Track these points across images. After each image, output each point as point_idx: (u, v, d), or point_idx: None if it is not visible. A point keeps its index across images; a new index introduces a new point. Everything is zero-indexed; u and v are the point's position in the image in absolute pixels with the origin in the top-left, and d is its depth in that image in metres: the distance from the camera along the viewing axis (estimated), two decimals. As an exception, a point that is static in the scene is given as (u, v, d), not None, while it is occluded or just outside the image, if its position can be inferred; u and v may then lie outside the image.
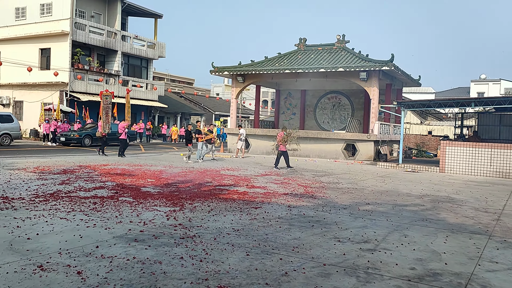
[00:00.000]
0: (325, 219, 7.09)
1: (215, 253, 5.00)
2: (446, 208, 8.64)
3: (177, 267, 4.48)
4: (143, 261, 4.64)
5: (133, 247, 5.13)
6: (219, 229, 6.19)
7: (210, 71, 24.91)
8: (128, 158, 17.97)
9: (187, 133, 18.36)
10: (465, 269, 4.77)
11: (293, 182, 11.84)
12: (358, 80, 21.01)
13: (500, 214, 8.22)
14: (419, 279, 4.37)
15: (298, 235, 6.01)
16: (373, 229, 6.50)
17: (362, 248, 5.46)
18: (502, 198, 10.40)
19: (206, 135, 18.46)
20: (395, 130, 23.74)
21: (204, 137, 18.27)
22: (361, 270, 4.60)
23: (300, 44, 24.85)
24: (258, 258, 4.89)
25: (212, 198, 8.69)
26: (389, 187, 11.56)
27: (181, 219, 6.72)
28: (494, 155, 15.80)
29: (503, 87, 55.44)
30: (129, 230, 5.97)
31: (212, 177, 12.42)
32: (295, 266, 4.66)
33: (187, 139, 18.16)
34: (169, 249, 5.09)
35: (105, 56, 34.79)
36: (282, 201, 8.68)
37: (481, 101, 17.87)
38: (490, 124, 25.80)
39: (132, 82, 35.30)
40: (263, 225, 6.51)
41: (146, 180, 11.24)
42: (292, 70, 22.04)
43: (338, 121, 26.46)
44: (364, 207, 8.33)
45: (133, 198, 8.38)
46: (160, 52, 38.16)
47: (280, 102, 28.45)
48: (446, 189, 11.68)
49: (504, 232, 6.69)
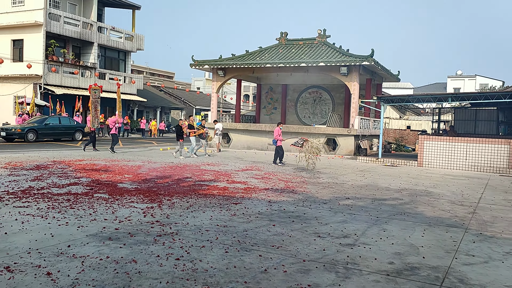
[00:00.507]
0: (305, 214, 7.05)
1: (193, 251, 4.89)
2: (424, 201, 8.72)
3: (153, 266, 4.36)
4: (117, 260, 4.49)
5: (107, 246, 4.97)
6: (198, 226, 6.07)
7: (190, 64, 24.61)
8: (105, 153, 17.62)
9: (178, 128, 18.05)
10: (443, 262, 4.79)
11: (273, 177, 11.78)
12: (339, 75, 21.07)
13: (475, 207, 8.34)
14: (398, 274, 4.36)
15: (278, 230, 5.94)
16: (353, 224, 6.49)
17: (341, 243, 5.43)
18: (477, 191, 10.57)
19: (198, 130, 18.27)
20: (375, 125, 23.96)
21: (197, 132, 18.12)
22: (341, 265, 4.56)
23: (281, 38, 24.77)
24: (237, 255, 4.80)
25: (191, 194, 8.56)
26: (368, 182, 11.62)
27: (159, 216, 6.58)
28: (469, 149, 16.08)
29: (478, 83, 56.62)
30: (103, 228, 5.79)
31: (192, 172, 12.27)
32: (274, 262, 4.59)
33: (178, 134, 17.87)
34: (145, 248, 4.95)
35: (81, 48, 34.03)
36: (262, 197, 8.61)
37: (457, 96, 18.15)
38: (466, 119, 26.30)
39: (109, 75, 34.66)
40: (243, 221, 6.42)
41: (123, 175, 11.01)
42: (273, 65, 21.96)
43: (319, 115, 26.54)
44: (344, 202, 8.33)
45: (108, 195, 8.18)
46: (139, 45, 37.55)
47: (261, 96, 28.36)
48: (424, 183, 11.81)
49: (479, 225, 6.77)
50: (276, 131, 15.98)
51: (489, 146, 15.81)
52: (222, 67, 23.80)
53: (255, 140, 23.35)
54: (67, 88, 31.13)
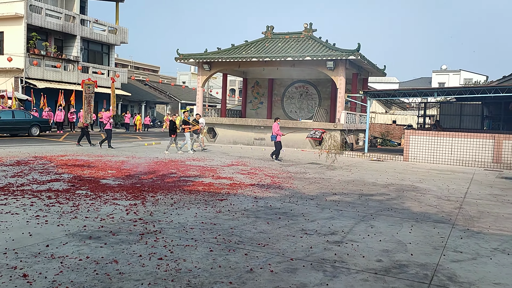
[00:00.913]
0: (292, 211, 6.95)
1: (177, 250, 4.75)
2: (411, 197, 8.70)
3: (134, 266, 4.20)
4: (97, 260, 4.33)
5: (87, 246, 4.80)
6: (182, 223, 5.92)
7: (175, 58, 24.27)
8: (88, 149, 17.29)
9: (171, 123, 17.77)
10: (431, 259, 4.73)
11: (260, 173, 11.67)
12: (325, 69, 21.00)
13: (462, 202, 8.35)
14: (386, 272, 4.28)
15: (265, 228, 5.83)
16: (340, 220, 6.41)
17: (329, 240, 5.34)
18: (463, 186, 10.61)
19: (193, 126, 17.97)
20: (361, 119, 23.98)
21: (192, 128, 17.84)
22: (328, 264, 4.47)
23: (267, 32, 24.57)
24: (222, 254, 4.67)
25: (176, 190, 8.39)
26: (355, 177, 11.58)
27: (142, 214, 6.41)
28: (455, 143, 16.19)
29: (463, 78, 57.27)
30: (84, 226, 5.61)
31: (177, 168, 12.08)
32: (260, 261, 4.47)
33: (171, 129, 17.60)
34: (127, 247, 4.79)
35: (63, 41, 33.33)
36: (248, 193, 8.49)
37: (443, 91, 18.24)
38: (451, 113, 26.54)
39: (92, 68, 34.06)
40: (228, 218, 6.29)
41: (106, 171, 10.77)
42: (259, 59, 21.77)
43: (305, 110, 26.48)
44: (331, 198, 8.26)
45: (91, 191, 7.97)
46: (122, 38, 36.95)
47: (247, 91, 28.16)
48: (410, 177, 11.83)
49: (466, 220, 6.76)
50: (275, 126, 15.71)
51: (474, 141, 15.94)
52: (207, 61, 23.53)
53: (241, 134, 23.19)
54: (50, 82, 30.48)
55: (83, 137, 18.56)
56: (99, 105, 35.62)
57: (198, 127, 18.24)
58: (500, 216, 7.13)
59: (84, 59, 34.35)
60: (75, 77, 32.47)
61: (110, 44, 36.65)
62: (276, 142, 15.55)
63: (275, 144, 15.57)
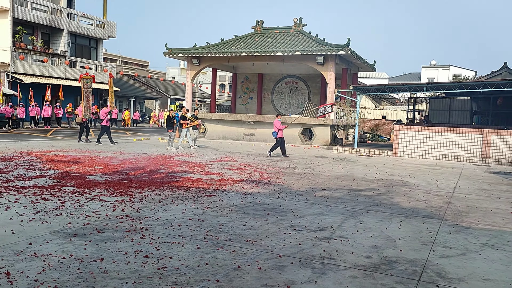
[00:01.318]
0: (281, 207, 6.89)
1: (164, 247, 4.66)
2: (400, 192, 8.70)
3: (119, 264, 4.11)
4: (81, 259, 4.22)
5: (71, 243, 4.68)
6: (170, 220, 5.83)
7: (164, 53, 24.04)
8: (76, 144, 17.05)
9: (168, 118, 17.49)
10: (420, 255, 4.71)
11: (249, 168, 11.59)
12: (315, 64, 20.95)
13: (450, 197, 8.36)
14: (375, 268, 4.24)
15: (253, 224, 5.76)
16: (329, 216, 6.37)
17: (318, 236, 5.29)
18: (452, 181, 10.65)
19: (191, 121, 17.61)
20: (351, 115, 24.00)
21: (189, 123, 17.49)
22: (317, 260, 4.41)
23: (257, 26, 24.43)
24: (209, 251, 4.59)
25: (163, 186, 8.28)
26: (344, 172, 11.57)
27: (129, 210, 6.30)
28: (444, 139, 16.27)
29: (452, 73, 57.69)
30: (68, 223, 5.48)
31: (165, 163, 11.95)
32: (248, 259, 4.40)
33: (168, 124, 17.33)
34: (112, 244, 4.68)
35: (50, 35, 32.82)
36: (237, 188, 8.41)
37: (432, 86, 18.30)
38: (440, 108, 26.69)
39: (80, 63, 33.60)
40: (216, 215, 6.21)
41: (94, 167, 10.61)
42: (249, 53, 21.64)
43: (295, 105, 26.43)
44: (320, 193, 8.22)
45: (77, 188, 7.82)
46: (110, 32, 36.50)
47: (237, 86, 28.02)
48: (399, 172, 11.85)
49: (455, 215, 6.76)
50: (276, 123, 15.46)
51: (462, 136, 16.03)
52: (196, 55, 23.33)
53: (231, 130, 23.08)
54: (36, 76, 29.99)
55: (88, 132, 18.54)
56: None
57: (197, 123, 17.92)
58: (488, 211, 7.14)
59: (72, 53, 33.87)
60: (63, 71, 32.02)
61: (98, 39, 36.18)
62: (277, 139, 15.42)
63: (278, 140, 15.39)
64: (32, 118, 27.96)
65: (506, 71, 24.50)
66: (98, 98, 37.00)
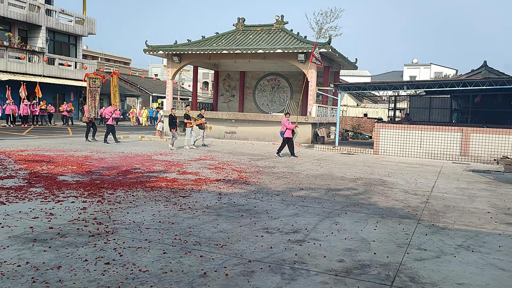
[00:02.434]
0: (255, 208, 6.71)
1: (128, 253, 4.43)
2: (378, 191, 8.61)
3: (78, 272, 3.87)
4: (37, 266, 3.97)
5: (29, 249, 4.42)
6: (138, 223, 5.59)
7: (144, 50, 23.64)
8: (52, 142, 16.59)
9: (170, 117, 16.77)
10: (394, 258, 4.58)
11: (227, 167, 11.38)
12: (297, 62, 20.83)
13: (428, 196, 8.30)
14: (347, 273, 4.09)
15: (225, 227, 5.57)
16: (304, 217, 6.21)
17: (290, 239, 5.12)
18: (431, 179, 10.62)
19: (196, 120, 17.04)
20: (332, 113, 23.98)
21: (193, 122, 16.88)
22: (287, 265, 4.24)
23: (239, 24, 24.20)
24: (176, 256, 4.38)
25: (137, 187, 8.02)
26: (324, 171, 11.45)
27: (97, 213, 6.04)
28: (424, 137, 16.31)
29: (433, 71, 58.32)
30: (30, 227, 5.21)
31: (142, 162, 11.66)
32: (216, 264, 4.21)
33: (171, 124, 16.67)
34: (73, 250, 4.44)
35: (28, 31, 32.00)
36: (213, 189, 8.20)
37: (412, 84, 18.35)
38: (420, 106, 26.86)
39: (59, 60, 32.84)
40: (188, 217, 6.00)
41: (66, 167, 10.27)
42: (230, 51, 21.40)
43: (277, 103, 26.29)
44: (297, 193, 8.06)
45: (45, 189, 7.51)
46: (90, 29, 35.78)
47: (218, 83, 27.75)
48: (379, 171, 11.78)
49: (432, 215, 6.68)
50: (285, 121, 14.93)
51: (442, 134, 16.09)
52: (177, 53, 22.99)
53: (212, 128, 22.79)
54: (13, 74, 29.21)
55: (95, 131, 18.31)
56: (66, 97, 34.49)
57: (201, 121, 17.29)
58: (465, 211, 7.09)
59: (50, 50, 33.08)
60: (41, 69, 31.26)
61: (78, 35, 35.43)
62: (284, 138, 14.92)
63: (283, 139, 14.97)
64: (8, 116, 27.22)
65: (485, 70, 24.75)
66: (77, 95, 36.29)
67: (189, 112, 17.25)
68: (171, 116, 16.88)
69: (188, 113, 17.09)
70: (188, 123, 16.84)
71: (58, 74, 32.45)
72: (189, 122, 16.85)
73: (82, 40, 36.36)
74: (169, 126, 16.95)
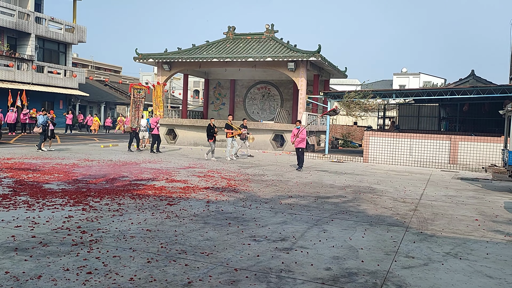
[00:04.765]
0: (243, 216, 6.65)
1: (111, 262, 4.33)
2: (367, 199, 8.59)
3: (58, 282, 3.77)
4: (17, 276, 3.87)
5: (9, 259, 4.31)
6: (123, 231, 5.49)
7: (134, 58, 23.56)
8: (40, 152, 16.38)
9: (208, 128, 16.04)
10: (382, 266, 4.54)
11: (216, 175, 11.31)
12: (287, 70, 20.89)
13: (417, 204, 8.30)
14: (334, 282, 4.04)
15: (212, 235, 5.49)
16: (292, 225, 6.16)
17: (278, 247, 5.06)
18: (420, 187, 10.65)
19: (236, 131, 16.40)
20: (322, 121, 24.04)
21: (234, 132, 16.29)
22: (274, 274, 4.18)
23: (229, 32, 24.24)
24: (160, 265, 4.30)
25: (124, 195, 7.91)
26: (313, 178, 11.42)
27: (82, 221, 5.93)
28: (412, 145, 16.39)
29: (422, 80, 58.92)
30: (12, 236, 5.09)
31: (130, 171, 11.54)
32: (201, 273, 4.13)
33: (209, 134, 15.94)
34: (55, 260, 4.33)
35: (17, 39, 31.77)
36: (201, 196, 8.12)
37: (401, 92, 18.48)
38: (409, 115, 27.06)
39: (48, 68, 32.60)
40: (174, 225, 5.91)
41: (53, 175, 10.12)
42: (220, 59, 21.41)
43: (267, 111, 26.31)
44: (286, 201, 8.02)
45: (30, 197, 7.38)
46: (80, 37, 35.62)
47: (209, 92, 27.72)
48: (368, 179, 11.79)
49: (420, 223, 6.67)
50: (296, 130, 13.72)
51: (431, 142, 16.19)
52: (167, 61, 22.94)
53: (202, 136, 22.65)
54: (2, 81, 28.91)
55: (138, 141, 18.70)
56: (54, 106, 34.17)
57: (240, 132, 16.53)
58: (454, 218, 7.09)
59: (39, 58, 32.84)
60: (29, 76, 31.00)
61: (67, 43, 35.25)
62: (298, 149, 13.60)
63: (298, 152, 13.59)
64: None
65: (473, 79, 25.06)
66: (67, 103, 36.02)
67: (231, 122, 16.65)
68: (209, 126, 16.05)
69: (230, 123, 16.48)
70: (229, 133, 16.24)
71: (47, 82, 32.21)
72: (230, 132, 16.25)
73: (72, 48, 36.18)
74: (207, 137, 16.15)
